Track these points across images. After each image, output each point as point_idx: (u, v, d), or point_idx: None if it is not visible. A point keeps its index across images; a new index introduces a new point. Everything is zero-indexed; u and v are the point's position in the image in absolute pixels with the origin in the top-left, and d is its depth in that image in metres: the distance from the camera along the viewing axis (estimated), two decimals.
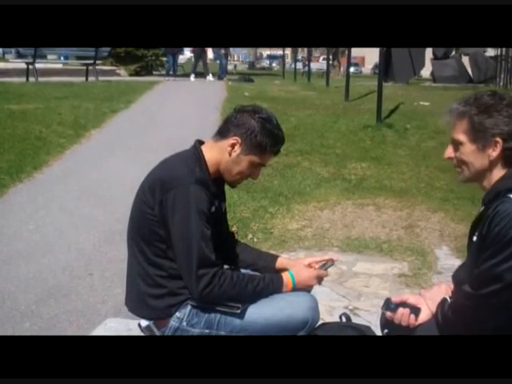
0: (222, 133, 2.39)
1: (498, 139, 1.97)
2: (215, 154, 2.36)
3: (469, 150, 2.02)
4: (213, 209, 2.28)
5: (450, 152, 2.09)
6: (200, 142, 2.43)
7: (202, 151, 2.36)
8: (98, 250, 4.64)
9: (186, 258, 2.17)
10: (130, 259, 2.40)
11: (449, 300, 2.08)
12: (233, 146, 2.33)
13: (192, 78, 19.80)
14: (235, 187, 2.53)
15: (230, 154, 2.34)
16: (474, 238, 2.03)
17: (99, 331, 2.61)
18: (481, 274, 1.89)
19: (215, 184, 2.37)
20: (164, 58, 26.92)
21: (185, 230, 2.18)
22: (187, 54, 40.50)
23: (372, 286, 4.05)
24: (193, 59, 21.35)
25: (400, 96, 14.94)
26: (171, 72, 20.35)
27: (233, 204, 5.41)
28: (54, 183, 6.60)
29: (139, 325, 2.39)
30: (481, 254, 1.91)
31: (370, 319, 3.28)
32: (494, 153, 1.98)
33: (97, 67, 18.34)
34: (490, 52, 26.82)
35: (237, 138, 2.33)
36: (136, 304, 2.38)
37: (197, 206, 2.18)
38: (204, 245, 2.17)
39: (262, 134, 2.32)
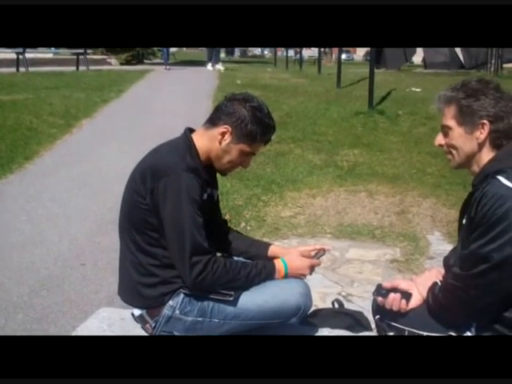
0: (212, 121, 2.38)
1: (485, 121, 1.98)
2: (206, 142, 2.35)
3: (457, 134, 2.03)
4: (205, 196, 2.28)
5: (440, 139, 2.11)
6: (190, 130, 2.43)
7: (192, 139, 2.35)
8: (90, 239, 4.63)
9: (179, 246, 2.17)
10: (122, 248, 2.40)
11: (439, 283, 2.10)
12: (223, 134, 2.32)
13: (209, 66, 19.30)
14: (226, 175, 2.53)
15: (220, 143, 2.33)
16: (464, 221, 2.05)
17: (92, 321, 2.60)
18: (469, 254, 1.91)
19: (207, 172, 2.36)
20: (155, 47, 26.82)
21: (177, 217, 2.17)
22: None
23: (365, 272, 4.06)
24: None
25: (392, 82, 14.94)
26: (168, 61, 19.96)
27: (225, 192, 5.42)
28: (46, 174, 6.58)
29: (132, 314, 2.39)
30: (469, 236, 1.92)
31: (363, 305, 3.30)
32: (482, 135, 1.99)
33: (87, 56, 18.25)
34: None
35: (227, 126, 2.32)
36: (129, 293, 2.38)
37: (188, 194, 2.17)
38: (196, 232, 2.17)
39: (252, 123, 2.31)
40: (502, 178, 1.87)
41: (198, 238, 2.17)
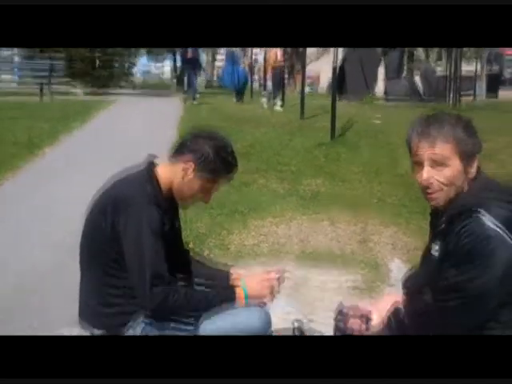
0: (176, 155, 2.43)
1: (476, 157, 2.02)
2: (168, 174, 2.40)
3: (457, 170, 1.99)
4: (166, 227, 2.31)
5: (431, 175, 2.00)
6: (153, 162, 2.47)
7: (154, 171, 2.40)
8: (50, 269, 4.58)
9: (140, 277, 2.20)
10: (83, 279, 2.41)
11: (403, 309, 2.16)
12: (186, 170, 2.37)
13: (264, 104, 17.46)
14: (187, 208, 2.57)
15: (182, 178, 2.38)
16: (434, 252, 2.06)
17: None
18: (447, 287, 1.95)
19: (168, 202, 2.40)
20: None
21: (138, 249, 2.21)
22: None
23: (326, 299, 4.11)
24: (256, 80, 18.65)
25: (353, 114, 15.16)
26: (192, 93, 17.72)
27: (189, 221, 5.42)
28: (7, 202, 6.51)
29: None
30: (447, 268, 1.95)
31: (324, 331, 3.34)
32: (473, 170, 2.02)
33: (52, 86, 18.14)
34: (441, 72, 27.52)
35: (191, 162, 2.37)
36: (88, 322, 2.39)
37: (149, 225, 2.21)
38: (158, 263, 2.21)
39: (215, 161, 2.37)
40: (485, 217, 1.88)
41: (159, 268, 2.20)
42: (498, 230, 1.87)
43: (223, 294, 2.40)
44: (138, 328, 2.28)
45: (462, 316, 1.94)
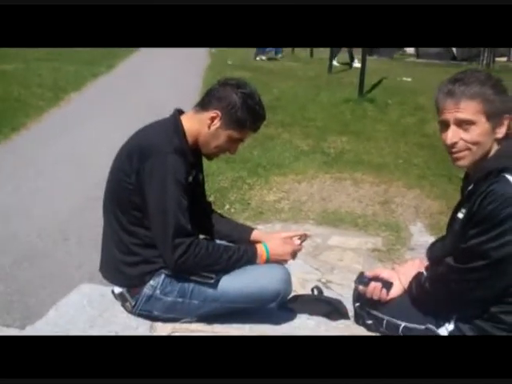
0: (203, 104, 2.37)
1: (507, 116, 1.95)
2: (195, 124, 2.35)
3: (484, 129, 1.94)
4: (190, 178, 2.29)
5: (457, 135, 1.96)
6: (180, 112, 2.42)
7: (180, 121, 2.35)
8: (74, 214, 4.63)
9: (162, 228, 2.19)
10: (106, 226, 2.41)
11: (425, 273, 2.13)
12: (212, 119, 2.32)
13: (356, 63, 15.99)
14: (212, 159, 2.52)
15: (209, 127, 2.33)
16: (460, 215, 2.03)
17: (73, 296, 2.61)
18: (468, 249, 1.92)
19: (193, 154, 2.36)
20: None
21: (161, 199, 2.18)
22: None
23: (345, 260, 4.10)
24: None
25: (383, 71, 14.85)
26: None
27: (211, 174, 5.41)
28: (33, 146, 6.55)
29: (113, 291, 2.41)
30: (468, 230, 1.92)
31: (342, 292, 3.33)
32: (502, 130, 1.96)
33: None
34: None
35: (217, 111, 2.31)
36: (110, 271, 2.40)
37: (174, 176, 2.18)
38: (180, 214, 2.18)
39: (242, 110, 2.31)
40: (510, 177, 1.86)
41: (182, 220, 2.18)
42: None
43: (245, 249, 2.37)
44: (158, 278, 2.28)
45: (482, 280, 1.92)
